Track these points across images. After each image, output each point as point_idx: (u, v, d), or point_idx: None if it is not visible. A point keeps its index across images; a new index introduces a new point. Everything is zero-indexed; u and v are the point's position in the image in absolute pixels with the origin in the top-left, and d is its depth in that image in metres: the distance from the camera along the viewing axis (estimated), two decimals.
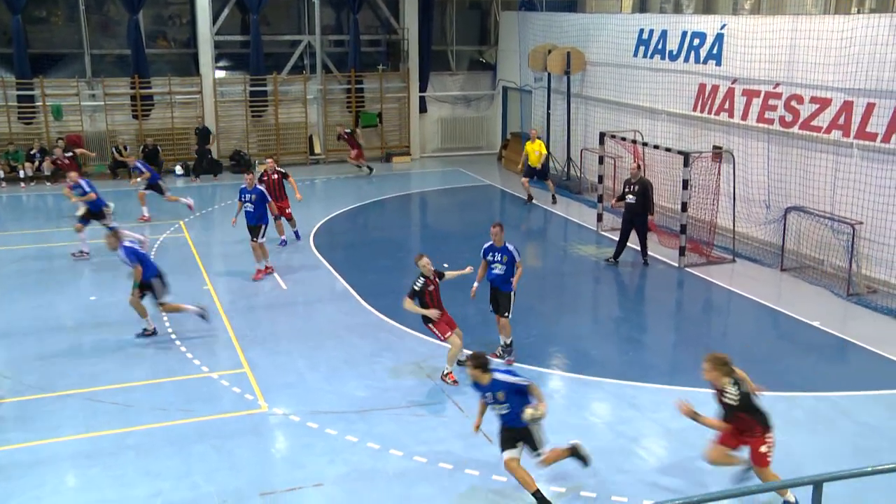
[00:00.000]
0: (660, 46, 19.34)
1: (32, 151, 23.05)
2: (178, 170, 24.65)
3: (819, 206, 15.26)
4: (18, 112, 23.83)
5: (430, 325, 11.10)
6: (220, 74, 25.72)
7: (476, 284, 11.68)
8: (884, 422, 10.07)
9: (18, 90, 23.71)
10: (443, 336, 11.06)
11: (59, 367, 11.62)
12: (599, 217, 18.52)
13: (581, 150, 21.90)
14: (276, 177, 17.13)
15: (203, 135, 24.29)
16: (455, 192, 23.21)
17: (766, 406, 8.16)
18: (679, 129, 18.73)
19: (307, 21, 26.33)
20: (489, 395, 8.25)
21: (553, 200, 21.00)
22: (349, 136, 24.63)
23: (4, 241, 17.90)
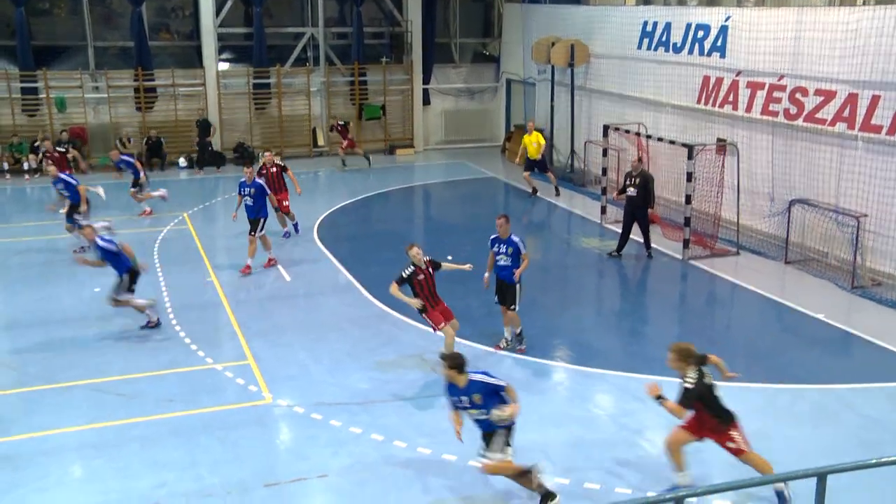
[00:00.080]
0: (664, 39, 19.26)
1: (36, 143, 23.08)
2: (182, 162, 24.69)
3: (823, 199, 15.23)
4: (22, 104, 23.86)
5: (425, 315, 11.09)
6: (224, 67, 25.71)
7: (487, 274, 11.69)
8: (888, 414, 10.06)
9: (22, 82, 23.73)
10: (436, 326, 11.06)
11: (64, 359, 11.66)
12: (603, 209, 18.51)
13: (585, 143, 21.86)
14: (275, 170, 17.11)
15: (203, 127, 24.30)
16: (458, 185, 23.18)
17: (728, 402, 8.09)
18: (683, 122, 18.68)
19: (310, 13, 26.30)
20: (465, 399, 7.97)
21: (556, 193, 20.97)
22: (342, 128, 24.67)
23: (9, 233, 17.94)
